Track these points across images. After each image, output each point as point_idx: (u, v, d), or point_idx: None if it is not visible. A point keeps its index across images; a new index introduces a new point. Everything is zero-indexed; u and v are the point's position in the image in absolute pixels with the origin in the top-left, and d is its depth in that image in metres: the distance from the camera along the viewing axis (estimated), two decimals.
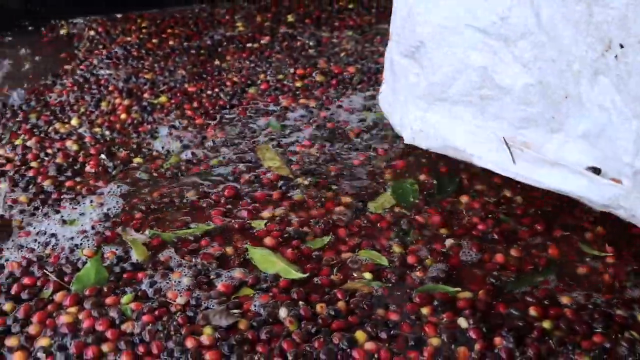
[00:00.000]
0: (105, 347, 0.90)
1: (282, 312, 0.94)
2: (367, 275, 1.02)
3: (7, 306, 0.97)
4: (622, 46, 0.88)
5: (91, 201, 1.19)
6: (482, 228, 1.12)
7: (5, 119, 1.46)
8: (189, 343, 0.89)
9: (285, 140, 1.36)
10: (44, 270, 1.03)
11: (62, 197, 1.20)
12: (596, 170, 0.98)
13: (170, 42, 1.81)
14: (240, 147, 1.33)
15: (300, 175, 1.24)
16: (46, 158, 1.32)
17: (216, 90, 1.55)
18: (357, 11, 2.01)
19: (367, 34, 1.85)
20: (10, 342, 0.92)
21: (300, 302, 0.96)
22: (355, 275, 1.02)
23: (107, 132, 1.40)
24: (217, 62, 1.70)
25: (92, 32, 1.86)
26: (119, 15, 1.97)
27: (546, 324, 0.93)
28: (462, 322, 0.93)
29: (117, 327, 0.93)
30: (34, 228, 1.13)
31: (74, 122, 1.43)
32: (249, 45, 1.79)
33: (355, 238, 1.10)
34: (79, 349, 0.89)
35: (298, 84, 1.56)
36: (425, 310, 0.95)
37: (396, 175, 1.25)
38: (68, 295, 0.98)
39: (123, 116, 1.46)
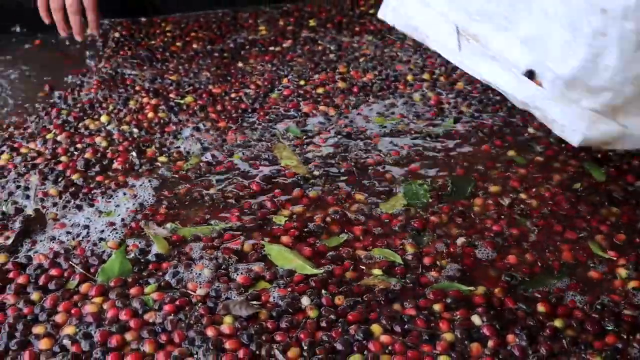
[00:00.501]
0: (128, 336, 0.94)
1: (305, 300, 0.98)
2: (378, 272, 1.05)
3: (34, 296, 1.01)
4: None
5: (124, 193, 1.23)
6: (497, 229, 1.14)
7: (38, 115, 1.51)
8: (210, 332, 0.93)
9: (303, 142, 1.39)
10: (70, 262, 1.06)
11: (93, 190, 1.25)
12: (531, 74, 1.08)
13: (194, 45, 1.84)
14: (257, 148, 1.36)
15: (316, 175, 1.28)
16: (75, 153, 1.36)
17: (240, 94, 1.58)
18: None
19: (386, 39, 1.87)
20: (37, 329, 0.95)
21: (323, 291, 1.00)
22: (369, 272, 1.05)
23: (135, 130, 1.44)
24: (240, 65, 1.73)
25: (116, 34, 1.90)
26: (143, 19, 2.01)
27: (558, 323, 0.95)
28: (476, 320, 0.95)
29: (140, 317, 0.96)
30: (68, 220, 1.17)
31: (103, 119, 1.48)
32: (271, 48, 1.82)
33: (369, 237, 1.12)
34: (104, 338, 0.93)
35: (319, 91, 1.59)
36: (438, 307, 0.98)
37: (412, 177, 1.27)
38: (93, 286, 1.02)
39: (150, 115, 1.50)
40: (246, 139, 1.40)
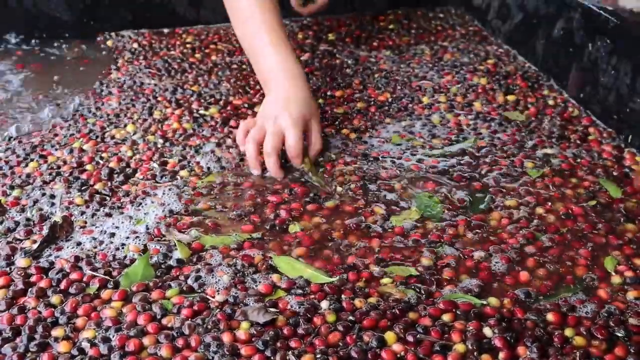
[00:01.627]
0: (146, 340, 0.95)
1: (324, 304, 1.00)
2: (390, 284, 1.06)
3: (54, 299, 1.03)
4: None
5: (152, 202, 1.26)
6: (513, 242, 1.15)
7: (66, 124, 1.54)
8: (226, 338, 0.94)
9: (322, 159, 1.40)
10: (90, 270, 1.08)
11: (121, 199, 1.27)
12: None
13: (213, 57, 1.87)
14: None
15: (332, 188, 1.30)
16: (100, 161, 1.38)
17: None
18: (397, 31, 2.05)
19: (404, 55, 1.89)
20: (57, 332, 0.97)
21: (343, 296, 1.02)
22: (383, 282, 1.07)
23: (160, 141, 1.46)
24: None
25: (135, 45, 1.94)
26: (166, 30, 2.04)
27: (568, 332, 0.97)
28: (487, 332, 0.96)
29: (158, 321, 0.98)
30: (96, 227, 1.20)
31: (129, 128, 1.50)
32: None
33: (385, 249, 1.14)
34: (122, 342, 0.95)
35: (339, 111, 1.59)
36: (449, 317, 0.99)
37: (429, 191, 1.28)
38: (115, 291, 1.04)
39: (175, 125, 1.52)
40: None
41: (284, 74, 1.37)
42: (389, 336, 0.95)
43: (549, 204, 1.25)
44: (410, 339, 0.95)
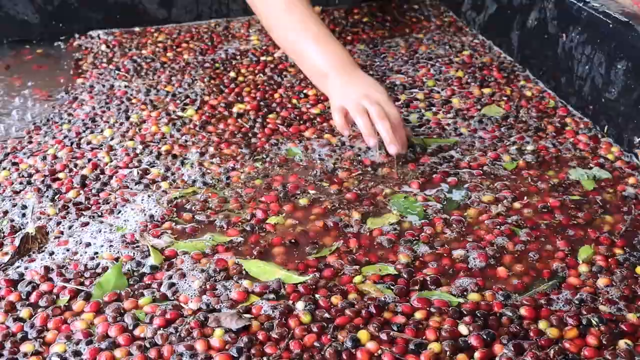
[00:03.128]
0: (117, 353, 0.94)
1: (300, 305, 0.99)
2: (370, 286, 1.05)
3: (24, 313, 1.01)
4: None
5: (132, 209, 1.24)
6: (491, 238, 1.14)
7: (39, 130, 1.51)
8: (199, 346, 0.93)
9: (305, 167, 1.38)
10: (62, 281, 1.06)
11: (93, 206, 1.25)
12: None
13: (185, 56, 1.84)
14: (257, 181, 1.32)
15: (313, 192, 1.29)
16: (74, 169, 1.35)
17: (239, 109, 1.57)
18: (372, 24, 2.03)
19: (378, 48, 1.87)
20: (26, 347, 0.95)
21: (317, 295, 1.02)
22: (360, 280, 1.06)
23: (140, 147, 1.43)
24: (232, 74, 1.73)
25: (103, 46, 1.90)
26: (137, 29, 2.01)
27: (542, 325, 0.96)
28: (463, 329, 0.96)
29: (130, 332, 0.96)
30: (71, 237, 1.17)
31: (106, 133, 1.47)
32: (263, 58, 1.82)
33: (362, 250, 1.13)
34: (93, 355, 0.93)
35: (315, 111, 1.56)
36: (422, 315, 0.99)
37: (405, 192, 1.27)
38: (87, 302, 1.02)
39: (153, 129, 1.49)
40: (249, 173, 1.34)
41: (348, 60, 1.45)
42: (362, 335, 0.94)
43: (526, 198, 1.24)
44: (384, 337, 0.94)
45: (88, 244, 1.15)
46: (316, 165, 1.36)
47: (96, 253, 1.13)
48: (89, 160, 1.38)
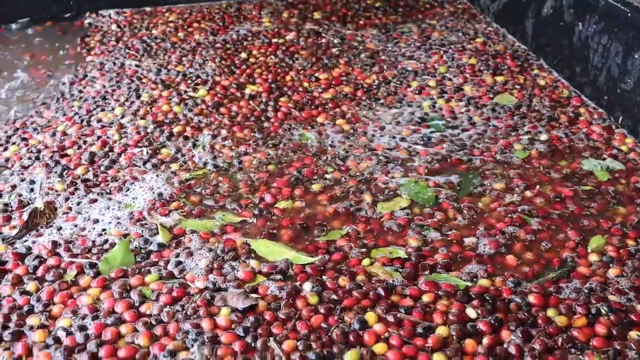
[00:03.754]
0: (123, 329, 0.93)
1: (307, 286, 0.98)
2: (378, 268, 1.04)
3: (30, 286, 1.00)
4: None
5: (141, 187, 1.23)
6: (501, 226, 1.13)
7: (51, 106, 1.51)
8: (206, 324, 0.92)
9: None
10: (69, 256, 1.06)
11: (102, 183, 1.24)
12: None
13: (196, 36, 1.83)
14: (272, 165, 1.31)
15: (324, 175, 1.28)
16: (83, 146, 1.35)
17: (251, 92, 1.55)
18: (384, 9, 2.02)
19: (391, 34, 1.86)
20: (32, 320, 0.94)
21: (324, 277, 1.00)
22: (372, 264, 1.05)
23: (152, 126, 1.41)
24: (243, 55, 1.72)
25: (113, 26, 1.89)
26: (148, 9, 2.00)
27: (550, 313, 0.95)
28: (471, 312, 0.95)
29: (136, 309, 0.96)
30: (79, 213, 1.16)
31: (117, 111, 1.46)
32: (274, 40, 1.81)
33: (371, 234, 1.12)
34: (99, 330, 0.92)
35: (327, 95, 1.55)
36: (430, 298, 0.98)
37: (418, 178, 1.26)
38: (94, 278, 1.01)
39: (165, 107, 1.47)
40: (262, 158, 1.32)
41: None
42: (370, 317, 0.93)
43: (538, 187, 1.23)
44: (391, 319, 0.93)
45: (96, 221, 1.14)
46: (329, 152, 1.34)
47: (104, 229, 1.12)
48: (99, 137, 1.37)
